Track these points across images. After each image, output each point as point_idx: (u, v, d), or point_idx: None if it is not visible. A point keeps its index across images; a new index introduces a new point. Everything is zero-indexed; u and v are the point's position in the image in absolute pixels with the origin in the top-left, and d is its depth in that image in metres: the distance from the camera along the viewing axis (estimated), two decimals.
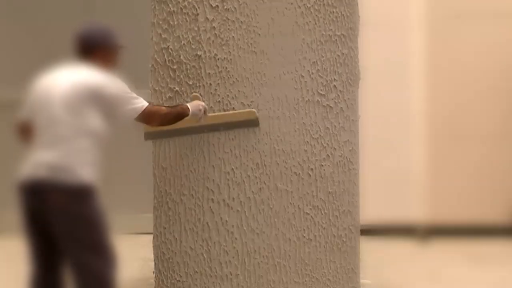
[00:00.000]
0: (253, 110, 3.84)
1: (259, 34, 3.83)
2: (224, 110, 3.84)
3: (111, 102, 3.33)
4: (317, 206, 3.90)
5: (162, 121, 3.55)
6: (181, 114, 3.60)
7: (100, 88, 3.30)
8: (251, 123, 3.83)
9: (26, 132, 3.46)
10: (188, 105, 3.67)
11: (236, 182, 3.85)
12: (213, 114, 3.82)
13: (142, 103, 3.42)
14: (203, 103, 3.76)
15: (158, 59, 3.94)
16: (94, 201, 3.30)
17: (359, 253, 4.10)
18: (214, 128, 3.84)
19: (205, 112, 3.73)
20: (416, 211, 7.12)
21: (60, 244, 3.33)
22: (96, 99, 3.29)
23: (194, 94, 3.85)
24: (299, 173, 3.87)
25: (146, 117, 3.45)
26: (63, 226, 3.27)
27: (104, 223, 3.33)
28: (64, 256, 3.35)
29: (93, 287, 3.32)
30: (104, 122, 3.34)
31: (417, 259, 6.21)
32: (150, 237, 4.07)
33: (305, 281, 3.90)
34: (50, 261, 3.41)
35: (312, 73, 3.87)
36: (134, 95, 3.41)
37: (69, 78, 3.33)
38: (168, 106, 3.65)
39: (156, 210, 4.00)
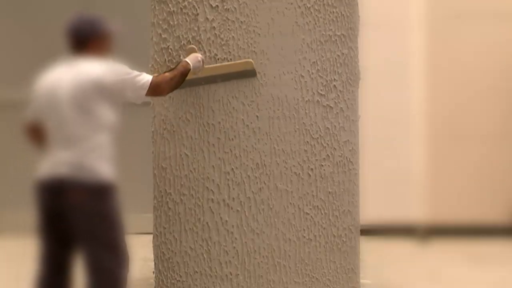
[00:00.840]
0: (250, 60, 3.81)
1: (259, 34, 3.83)
2: (225, 110, 3.84)
3: (117, 89, 3.36)
4: (317, 206, 3.90)
5: (171, 87, 3.57)
6: (185, 72, 3.61)
7: (102, 79, 3.32)
8: (248, 73, 3.81)
9: (35, 133, 3.48)
10: (187, 59, 3.68)
11: (236, 182, 3.85)
12: (210, 65, 3.81)
13: (146, 78, 3.45)
14: (200, 55, 3.76)
15: (158, 59, 3.94)
16: (113, 199, 3.35)
17: (359, 253, 4.10)
18: (212, 80, 3.82)
19: (202, 63, 3.74)
20: (416, 211, 7.13)
21: (76, 242, 3.36)
22: (102, 91, 3.31)
23: (190, 46, 3.83)
24: (299, 173, 3.87)
25: (154, 89, 3.47)
26: (82, 224, 3.30)
27: (121, 222, 3.38)
28: (80, 253, 3.38)
29: (106, 285, 3.35)
30: (115, 112, 3.37)
31: (417, 259, 6.22)
32: (150, 237, 4.07)
33: (305, 281, 3.90)
34: (59, 262, 3.43)
35: (312, 73, 3.87)
36: (136, 72, 3.43)
37: (71, 75, 3.34)
38: (170, 70, 3.64)
39: (156, 210, 4.00)
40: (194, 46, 3.82)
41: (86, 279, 3.37)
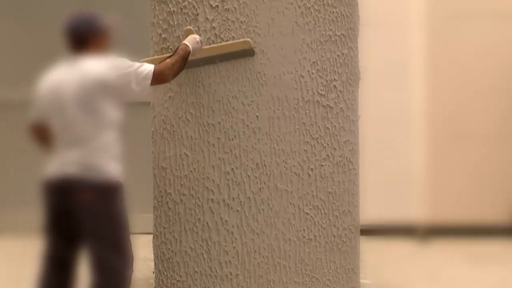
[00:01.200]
0: (248, 39, 3.80)
1: (259, 34, 3.83)
2: (225, 110, 3.85)
3: (121, 84, 3.37)
4: (317, 206, 3.90)
5: (174, 72, 3.57)
6: (185, 56, 3.61)
7: (106, 76, 3.33)
8: (246, 52, 3.80)
9: (39, 133, 3.49)
10: (185, 42, 3.68)
11: (236, 182, 3.85)
12: (208, 46, 3.81)
13: (149, 68, 3.45)
14: (198, 36, 3.76)
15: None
16: (121, 198, 3.38)
17: (359, 253, 4.10)
18: (210, 60, 3.81)
19: (201, 44, 3.75)
20: (416, 211, 7.13)
21: (83, 241, 3.39)
22: (106, 89, 3.34)
23: (188, 28, 3.83)
24: (299, 173, 3.87)
25: (158, 78, 3.48)
26: (89, 223, 3.33)
27: (127, 222, 3.42)
28: (86, 252, 3.41)
29: (111, 284, 3.37)
30: (120, 109, 3.39)
31: (417, 259, 6.22)
32: (150, 237, 4.07)
33: (305, 281, 3.90)
34: (64, 261, 3.46)
35: (312, 73, 3.87)
36: (137, 64, 3.45)
37: (74, 75, 3.35)
38: (170, 55, 3.63)
39: (156, 210, 4.00)
40: (191, 28, 3.82)
41: (90, 278, 3.39)
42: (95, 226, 3.32)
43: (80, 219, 3.32)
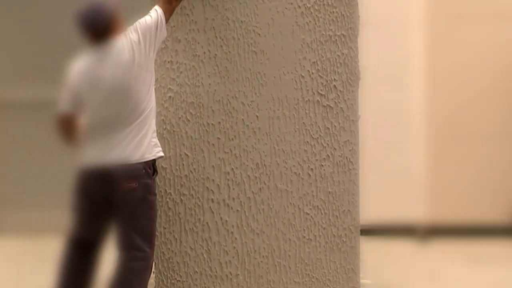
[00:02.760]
0: None
1: (259, 34, 3.83)
2: (225, 110, 3.85)
3: (151, 45, 3.50)
4: (317, 206, 3.90)
5: None
6: None
7: (134, 56, 3.43)
8: None
9: (68, 125, 3.53)
10: None
11: (236, 182, 3.85)
12: None
13: (158, 11, 3.56)
14: None
15: (157, 59, 3.94)
16: (155, 185, 3.52)
17: (359, 253, 4.10)
18: None
19: None
20: (416, 211, 7.14)
21: (116, 225, 3.48)
22: (140, 63, 3.44)
23: None
24: (299, 173, 3.87)
25: (168, 10, 3.59)
26: (129, 210, 3.43)
27: (157, 213, 3.57)
28: (117, 236, 3.49)
29: (137, 269, 3.47)
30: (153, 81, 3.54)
31: (417, 259, 6.23)
32: None
33: (305, 281, 3.90)
34: (89, 245, 3.54)
35: (312, 73, 3.87)
36: (148, 18, 3.54)
37: (106, 61, 3.41)
38: None
39: None
40: None
41: (117, 261, 3.48)
42: (133, 213, 3.43)
43: (120, 205, 3.41)
